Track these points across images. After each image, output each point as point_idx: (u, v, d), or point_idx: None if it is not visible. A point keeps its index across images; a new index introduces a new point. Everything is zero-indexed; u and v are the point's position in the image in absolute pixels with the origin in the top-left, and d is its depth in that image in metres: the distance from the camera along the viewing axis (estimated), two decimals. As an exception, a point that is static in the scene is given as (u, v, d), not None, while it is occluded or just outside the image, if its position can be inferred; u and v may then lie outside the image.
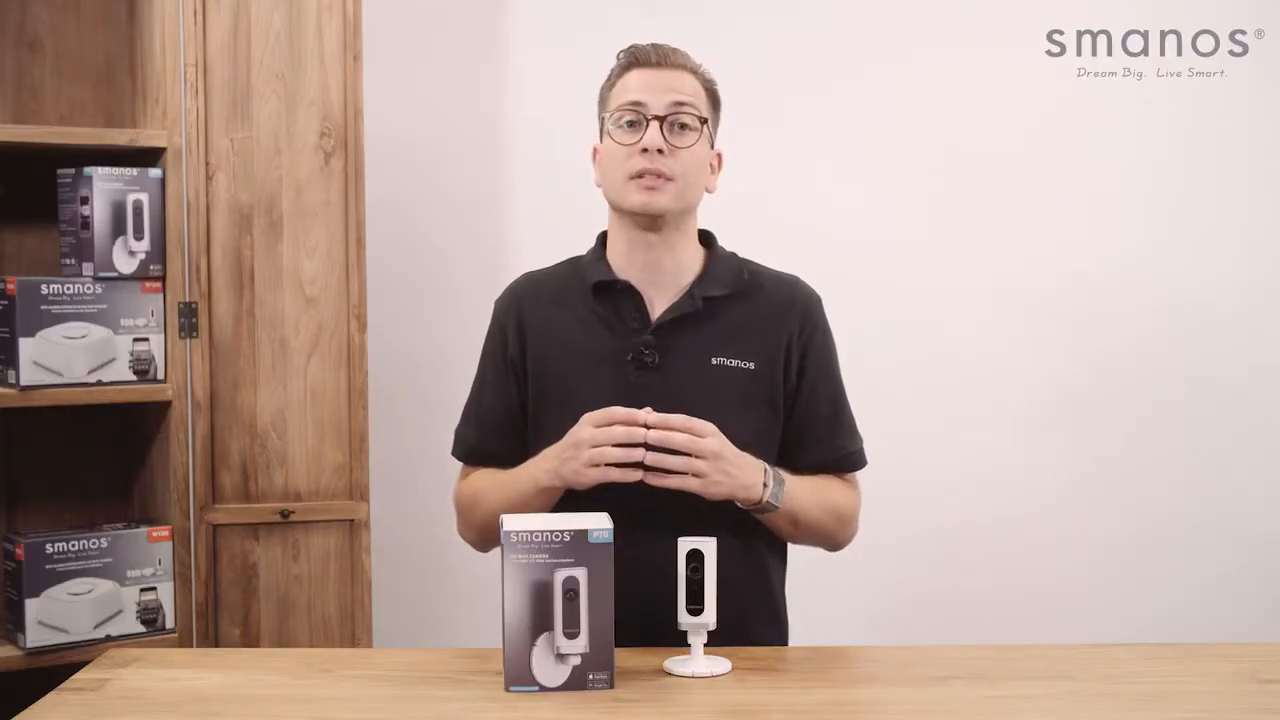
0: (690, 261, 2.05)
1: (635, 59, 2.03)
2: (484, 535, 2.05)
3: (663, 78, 2.00)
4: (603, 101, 2.07)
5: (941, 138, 3.29)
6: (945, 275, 3.30)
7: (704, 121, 2.01)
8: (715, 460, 1.86)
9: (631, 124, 1.99)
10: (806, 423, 2.03)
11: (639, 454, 1.85)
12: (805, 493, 1.98)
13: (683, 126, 1.99)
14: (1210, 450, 3.33)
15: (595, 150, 2.08)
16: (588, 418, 1.88)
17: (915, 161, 3.29)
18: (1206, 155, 3.32)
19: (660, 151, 1.97)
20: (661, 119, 1.98)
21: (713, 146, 2.06)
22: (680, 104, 1.99)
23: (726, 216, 2.17)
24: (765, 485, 1.91)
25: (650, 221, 2.00)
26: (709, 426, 1.87)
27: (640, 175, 1.98)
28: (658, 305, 2.02)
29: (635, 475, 1.86)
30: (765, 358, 2.01)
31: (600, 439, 1.86)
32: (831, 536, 2.06)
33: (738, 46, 3.18)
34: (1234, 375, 3.33)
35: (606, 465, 1.85)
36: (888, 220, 3.28)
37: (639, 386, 1.95)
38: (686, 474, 1.86)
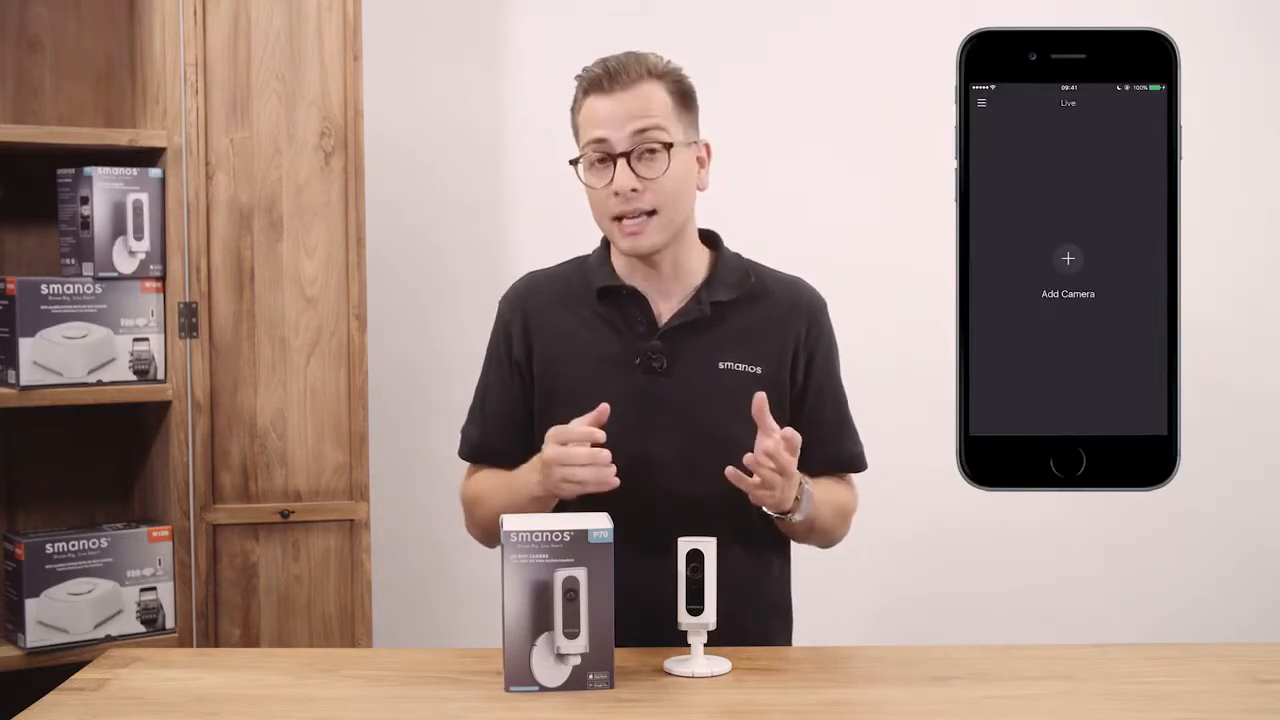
0: (695, 264, 2.02)
1: (590, 84, 1.93)
2: (488, 534, 2.03)
3: (620, 104, 1.90)
4: (572, 127, 1.99)
5: (940, 139, 3.27)
6: (948, 274, 3.29)
7: (669, 146, 1.91)
8: (788, 478, 1.83)
9: (600, 162, 1.91)
10: (812, 425, 2.01)
11: (609, 474, 1.80)
12: (823, 498, 1.96)
13: (652, 153, 1.91)
14: (1210, 450, 3.33)
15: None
16: (552, 434, 1.84)
17: (914, 162, 3.28)
18: (1206, 155, 3.32)
19: (634, 190, 1.89)
20: (628, 154, 1.90)
21: (697, 143, 1.98)
22: (642, 131, 1.90)
23: (726, 216, 2.16)
24: (798, 499, 1.88)
25: (644, 255, 1.96)
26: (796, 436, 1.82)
27: (619, 219, 1.92)
28: (664, 310, 2.00)
29: (613, 484, 1.81)
30: (772, 362, 2.00)
31: (565, 459, 1.81)
32: (834, 537, 2.06)
33: (736, 45, 3.17)
34: (1234, 375, 3.33)
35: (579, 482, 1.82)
36: (887, 220, 3.28)
37: (647, 391, 1.94)
38: (759, 481, 1.80)
